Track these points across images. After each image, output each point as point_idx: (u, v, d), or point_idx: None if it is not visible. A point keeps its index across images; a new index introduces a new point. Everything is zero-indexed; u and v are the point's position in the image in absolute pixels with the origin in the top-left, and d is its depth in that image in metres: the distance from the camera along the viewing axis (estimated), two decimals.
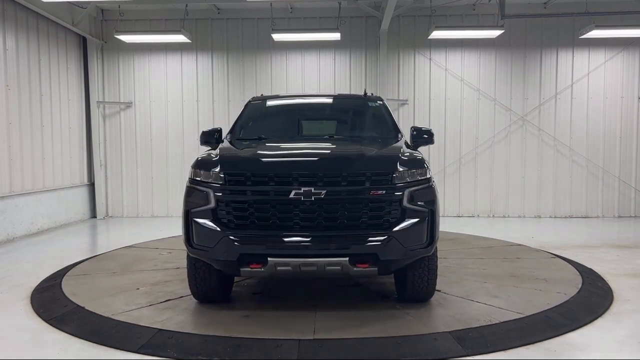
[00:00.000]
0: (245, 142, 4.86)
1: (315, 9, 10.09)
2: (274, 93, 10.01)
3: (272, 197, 3.80)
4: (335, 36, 9.44)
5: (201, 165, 4.12)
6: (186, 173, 4.38)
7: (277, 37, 9.51)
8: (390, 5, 8.54)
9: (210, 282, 4.28)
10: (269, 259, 3.76)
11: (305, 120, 5.76)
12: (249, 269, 3.83)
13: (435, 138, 5.56)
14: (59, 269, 5.81)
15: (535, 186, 10.24)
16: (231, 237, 3.80)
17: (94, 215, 10.47)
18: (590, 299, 4.60)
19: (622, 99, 10.17)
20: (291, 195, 3.76)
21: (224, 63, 10.37)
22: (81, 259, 6.30)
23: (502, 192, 10.30)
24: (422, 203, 3.93)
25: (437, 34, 9.35)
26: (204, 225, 3.90)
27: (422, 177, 4.00)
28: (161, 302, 4.51)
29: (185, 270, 4.36)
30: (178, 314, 4.20)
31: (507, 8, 8.67)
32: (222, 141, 5.02)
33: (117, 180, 10.56)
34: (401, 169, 3.94)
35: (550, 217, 10.21)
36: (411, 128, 5.08)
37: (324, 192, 3.75)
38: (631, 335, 3.78)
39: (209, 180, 3.97)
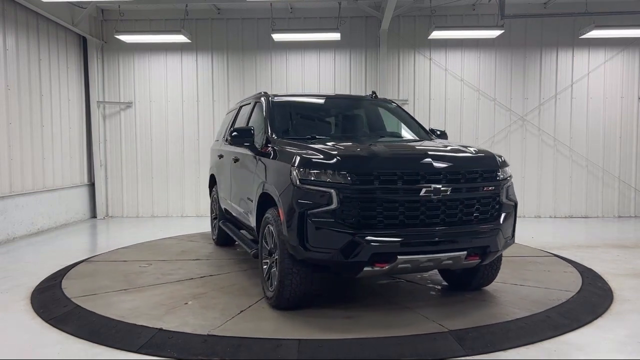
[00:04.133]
0: (303, 141, 4.62)
1: (315, 9, 10.09)
2: (273, 93, 9.98)
3: (402, 196, 3.80)
4: (335, 36, 9.45)
5: (316, 165, 3.88)
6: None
7: (277, 37, 9.51)
8: (390, 5, 8.54)
9: (305, 286, 4.10)
10: (398, 256, 3.77)
11: (338, 119, 5.81)
12: (372, 268, 3.81)
13: None
14: (59, 269, 5.80)
15: (535, 186, 10.24)
16: (362, 238, 3.70)
17: (94, 215, 10.47)
18: (590, 299, 4.60)
19: (622, 99, 10.17)
20: (422, 193, 3.81)
21: (224, 63, 10.37)
22: (81, 259, 6.29)
23: None
24: (511, 197, 4.29)
25: (437, 34, 9.35)
26: (327, 227, 3.73)
27: (509, 174, 4.31)
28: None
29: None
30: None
31: (507, 8, 8.67)
32: (255, 140, 4.94)
33: (117, 180, 10.57)
34: (501, 166, 4.21)
35: (550, 217, 10.21)
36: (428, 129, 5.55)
37: (449, 189, 3.87)
38: (631, 335, 3.78)
39: (330, 180, 3.78)
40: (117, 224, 9.70)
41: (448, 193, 3.87)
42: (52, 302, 4.61)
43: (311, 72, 10.31)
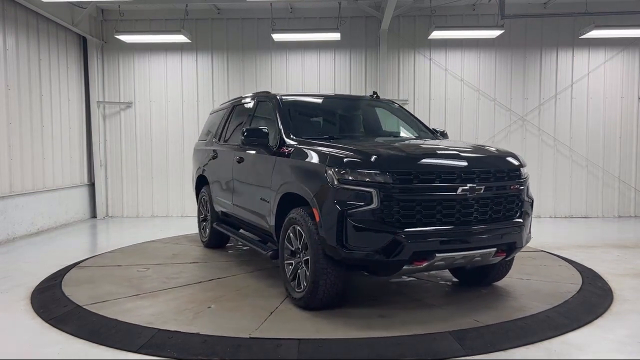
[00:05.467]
0: (324, 140, 4.66)
1: (315, 9, 10.09)
2: (275, 93, 9.98)
3: (440, 195, 3.86)
4: (335, 36, 9.45)
5: (355, 164, 3.89)
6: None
7: (277, 37, 9.51)
8: (390, 5, 8.54)
9: (338, 286, 4.10)
10: (436, 254, 3.83)
11: (348, 119, 5.83)
12: (410, 266, 3.86)
13: None
14: (59, 269, 5.80)
15: (535, 186, 10.22)
16: (403, 237, 3.73)
17: (94, 215, 10.47)
18: (590, 299, 4.61)
19: (622, 99, 10.17)
20: (458, 192, 3.88)
21: (224, 63, 10.37)
22: (81, 258, 6.28)
23: None
24: (530, 195, 4.49)
25: (437, 34, 9.35)
26: (368, 226, 3.75)
27: (528, 173, 4.48)
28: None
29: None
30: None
31: (507, 8, 8.67)
32: (269, 140, 4.91)
33: (117, 180, 10.57)
34: (523, 165, 4.38)
35: (550, 217, 10.21)
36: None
37: (482, 188, 3.97)
38: (631, 335, 3.79)
39: (370, 180, 3.80)
40: (117, 224, 9.70)
41: (481, 192, 3.98)
42: (52, 302, 4.60)
43: (311, 72, 10.31)
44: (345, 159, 3.95)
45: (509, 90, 10.23)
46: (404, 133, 5.71)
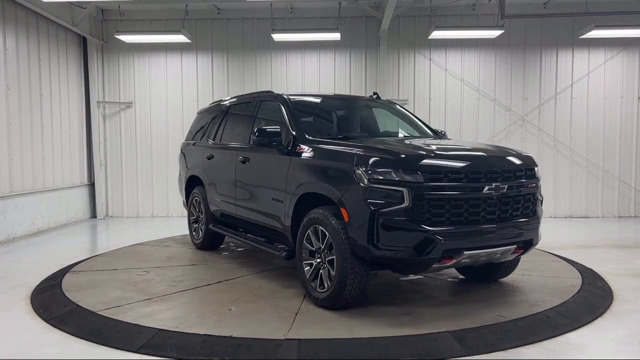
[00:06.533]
0: (341, 140, 4.73)
1: (315, 9, 10.09)
2: (279, 93, 9.99)
3: (467, 193, 3.93)
4: (335, 36, 9.45)
5: (386, 164, 3.91)
6: None
7: (277, 37, 9.52)
8: (390, 5, 8.54)
9: (363, 285, 4.12)
10: (464, 252, 3.89)
11: (356, 120, 5.84)
12: (439, 264, 3.92)
13: None
14: (59, 269, 5.80)
15: None
16: (436, 235, 3.78)
17: (94, 215, 10.47)
18: (590, 299, 4.60)
19: (622, 99, 10.17)
20: (484, 191, 3.97)
21: (224, 63, 10.37)
22: (81, 258, 6.28)
23: None
24: (541, 194, 4.56)
25: (437, 34, 9.35)
26: (401, 225, 3.79)
27: (540, 173, 4.55)
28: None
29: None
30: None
31: (507, 8, 8.67)
32: (282, 140, 4.88)
33: (117, 180, 10.57)
34: (537, 165, 4.48)
35: (550, 217, 10.20)
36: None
37: (505, 186, 4.06)
38: (631, 335, 3.79)
39: (400, 179, 3.82)
40: (117, 224, 9.70)
41: (504, 190, 4.07)
42: (52, 302, 4.60)
43: (311, 72, 10.31)
44: (376, 159, 3.96)
45: (509, 90, 10.23)
46: (413, 134, 5.73)
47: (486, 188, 3.97)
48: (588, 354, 3.47)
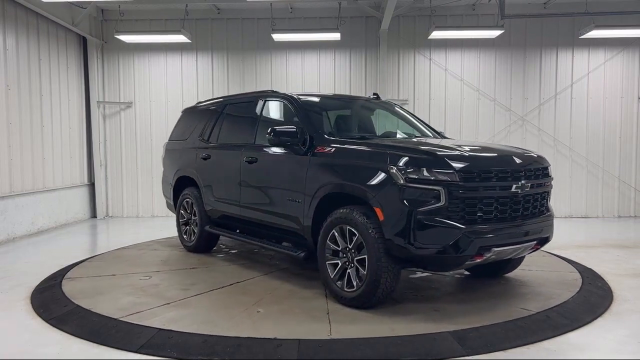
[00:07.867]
0: (362, 139, 4.83)
1: (315, 9, 10.09)
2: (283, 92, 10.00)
3: (498, 192, 4.06)
4: (335, 36, 9.45)
5: (423, 163, 3.95)
6: None
7: (277, 37, 9.52)
8: (390, 5, 8.54)
9: (394, 283, 4.16)
10: (494, 249, 3.98)
11: (366, 120, 5.88)
12: (471, 261, 4.02)
13: None
14: (59, 268, 5.79)
15: None
16: (471, 233, 3.87)
17: (94, 215, 10.47)
18: (590, 299, 4.61)
19: (622, 99, 10.17)
20: (512, 189, 4.11)
21: (224, 63, 10.38)
22: (81, 258, 6.28)
23: None
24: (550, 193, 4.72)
25: (437, 34, 9.35)
26: (437, 224, 3.85)
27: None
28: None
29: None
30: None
31: (507, 8, 8.67)
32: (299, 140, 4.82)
33: (117, 180, 10.57)
34: (550, 165, 4.66)
35: None
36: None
37: (529, 185, 4.23)
38: (631, 335, 3.79)
39: (436, 179, 3.89)
40: (117, 224, 9.70)
41: (528, 189, 4.22)
42: (52, 302, 4.60)
43: (311, 72, 10.31)
44: (411, 158, 4.03)
45: (509, 90, 10.23)
46: (425, 134, 5.75)
47: (513, 187, 4.11)
48: (588, 354, 3.47)
